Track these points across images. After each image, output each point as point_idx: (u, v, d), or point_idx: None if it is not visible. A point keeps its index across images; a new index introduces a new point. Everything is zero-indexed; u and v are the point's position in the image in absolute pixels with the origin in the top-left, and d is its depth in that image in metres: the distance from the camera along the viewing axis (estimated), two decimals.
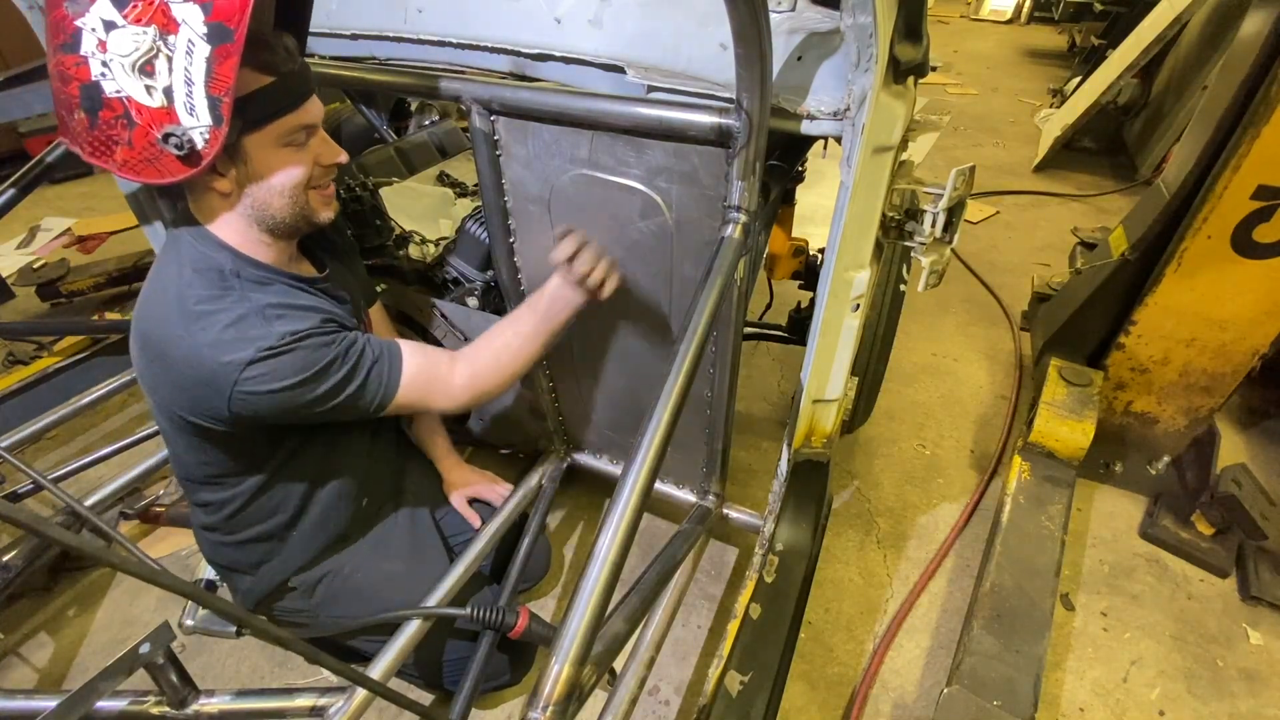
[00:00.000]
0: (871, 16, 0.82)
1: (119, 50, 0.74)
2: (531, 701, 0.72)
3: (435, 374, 1.09)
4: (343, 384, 0.98)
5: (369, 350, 1.02)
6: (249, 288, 0.95)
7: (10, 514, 0.52)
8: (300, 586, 1.22)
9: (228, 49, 0.75)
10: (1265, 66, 1.37)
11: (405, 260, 1.57)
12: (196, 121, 0.78)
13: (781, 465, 1.39)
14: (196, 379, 0.92)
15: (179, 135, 0.77)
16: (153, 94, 0.76)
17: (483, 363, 1.13)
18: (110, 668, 0.80)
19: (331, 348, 0.96)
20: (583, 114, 1.05)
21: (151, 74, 0.76)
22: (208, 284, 0.93)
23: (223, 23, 0.74)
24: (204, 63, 0.75)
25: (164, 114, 0.77)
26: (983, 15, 8.76)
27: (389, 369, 1.03)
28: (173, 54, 0.75)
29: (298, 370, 0.93)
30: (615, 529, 0.76)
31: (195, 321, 0.90)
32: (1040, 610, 1.38)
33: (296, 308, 0.98)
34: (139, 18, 0.74)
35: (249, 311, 0.92)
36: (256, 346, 0.90)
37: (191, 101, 0.77)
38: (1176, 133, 3.66)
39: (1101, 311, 1.85)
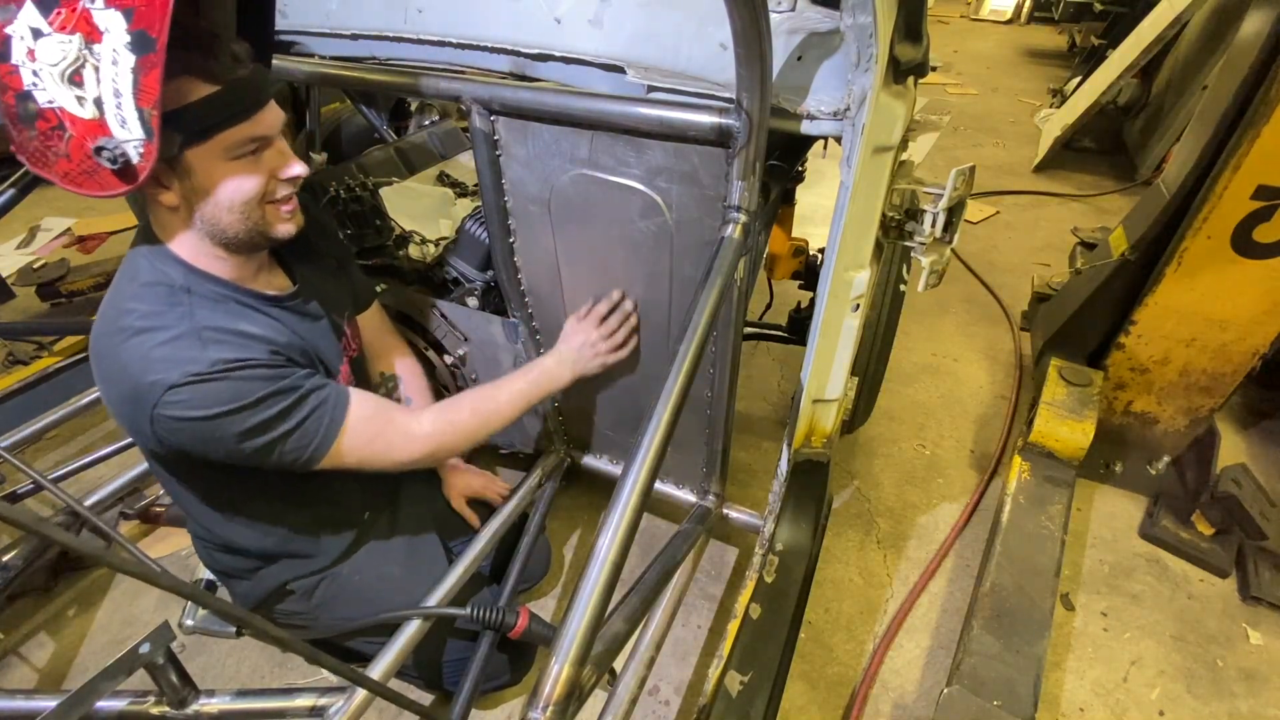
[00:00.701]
0: (871, 16, 0.82)
1: (47, 59, 0.71)
2: (531, 701, 0.72)
3: (387, 424, 1.03)
4: (272, 423, 0.90)
5: (313, 395, 0.95)
6: (198, 304, 0.90)
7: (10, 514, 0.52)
8: (298, 590, 1.21)
9: (151, 59, 0.70)
10: (1265, 66, 1.37)
11: (405, 260, 1.57)
12: (129, 134, 0.73)
13: (781, 465, 1.39)
14: (122, 397, 0.88)
15: (111, 149, 0.73)
16: (84, 105, 0.73)
17: (462, 412, 1.11)
18: (110, 668, 0.80)
19: (268, 383, 0.90)
20: (583, 114, 1.04)
21: (80, 84, 0.72)
22: (153, 299, 0.89)
23: (145, 30, 0.70)
24: (129, 73, 0.71)
25: (96, 126, 0.73)
26: (983, 15, 8.75)
27: (330, 417, 0.96)
28: (99, 63, 0.71)
29: (224, 400, 0.86)
30: (615, 529, 0.76)
31: (131, 337, 0.86)
32: (1040, 610, 1.38)
33: (241, 335, 0.92)
34: (64, 25, 0.71)
35: (186, 332, 0.87)
36: (184, 370, 0.84)
37: (122, 114, 0.73)
38: (1176, 133, 3.66)
39: (1101, 311, 1.85)
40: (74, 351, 2.42)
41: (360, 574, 1.25)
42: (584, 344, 1.25)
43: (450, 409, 1.12)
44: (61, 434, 2.21)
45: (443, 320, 1.58)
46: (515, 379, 1.20)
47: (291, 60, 1.31)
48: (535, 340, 1.49)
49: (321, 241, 1.17)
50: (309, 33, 1.34)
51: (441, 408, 1.12)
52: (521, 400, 1.18)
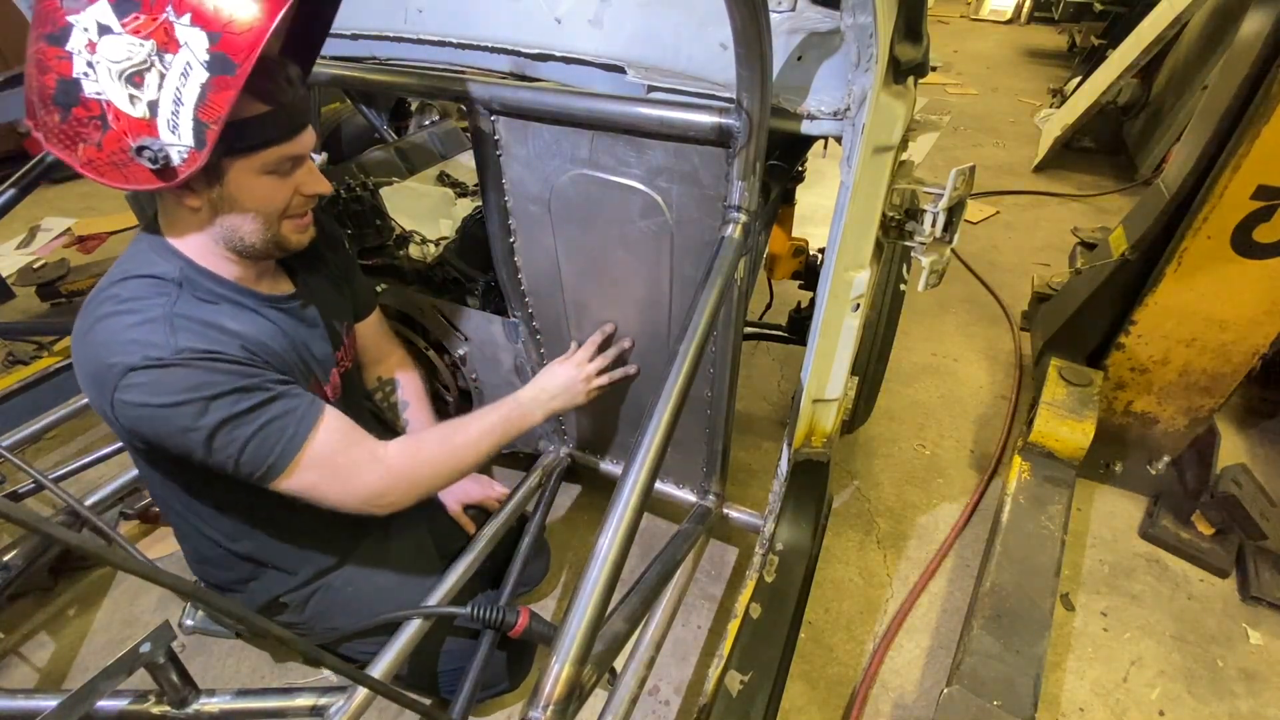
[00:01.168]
0: (871, 16, 0.82)
1: (109, 55, 0.72)
2: (532, 701, 0.72)
3: (357, 445, 0.99)
4: (231, 423, 0.86)
5: (279, 401, 0.91)
6: (185, 297, 0.89)
7: (11, 513, 0.52)
8: (292, 603, 1.20)
9: (227, 81, 0.72)
10: (1265, 66, 1.37)
11: (405, 260, 1.58)
12: (177, 140, 0.75)
13: (781, 465, 1.39)
14: (88, 378, 0.86)
15: (154, 149, 0.74)
16: (136, 104, 0.74)
17: (428, 447, 1.07)
18: (110, 667, 0.80)
19: (231, 378, 0.86)
20: (583, 114, 1.05)
21: (140, 85, 0.73)
22: (138, 286, 0.87)
23: (228, 55, 0.72)
24: (198, 87, 0.73)
25: (144, 125, 0.74)
26: (983, 15, 8.76)
27: (294, 428, 0.91)
28: (166, 71, 0.72)
29: (182, 389, 0.83)
30: (615, 529, 0.76)
31: (103, 320, 0.85)
32: (1040, 610, 1.38)
33: (218, 328, 0.89)
34: (138, 30, 0.72)
35: (158, 318, 0.85)
36: (145, 355, 0.82)
37: (176, 120, 0.74)
38: (1176, 133, 3.66)
39: (1101, 311, 1.85)
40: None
41: (353, 585, 1.24)
42: (564, 386, 1.25)
43: (416, 440, 1.08)
44: (61, 434, 2.21)
45: (443, 320, 1.58)
46: (487, 414, 1.16)
47: None
48: (535, 340, 1.49)
49: (328, 251, 1.17)
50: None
51: (408, 439, 1.07)
52: (493, 437, 1.14)
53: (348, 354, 1.21)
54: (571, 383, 1.27)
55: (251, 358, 0.91)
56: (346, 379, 1.20)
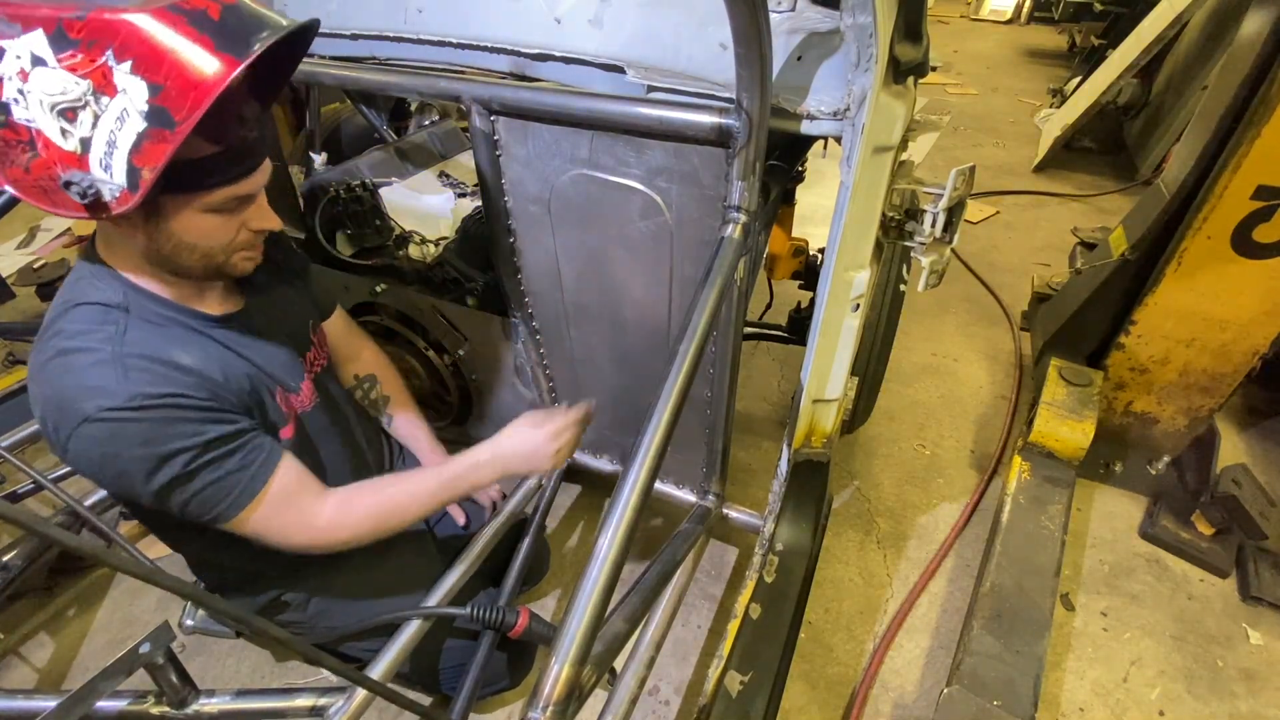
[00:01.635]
0: (871, 16, 0.82)
1: (42, 87, 0.67)
2: (531, 701, 0.72)
3: (298, 503, 0.97)
4: (181, 480, 0.84)
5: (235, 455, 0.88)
6: (133, 324, 0.85)
7: (10, 514, 0.52)
8: (293, 602, 1.20)
9: (165, 135, 0.68)
10: (1265, 66, 1.37)
11: (405, 260, 1.57)
12: (108, 178, 0.70)
13: (781, 465, 1.39)
14: (41, 415, 0.83)
15: (83, 185, 0.69)
16: (67, 138, 0.69)
17: (360, 507, 1.03)
18: (110, 668, 0.80)
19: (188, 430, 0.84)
20: (583, 114, 1.05)
21: (72, 120, 0.69)
22: (85, 317, 0.84)
23: (168, 110, 0.68)
24: (134, 135, 0.68)
25: (74, 158, 0.70)
26: (983, 15, 8.75)
27: (250, 483, 0.90)
28: (101, 113, 0.68)
29: (137, 443, 0.81)
30: (615, 529, 0.76)
31: (55, 358, 0.82)
32: (1040, 610, 1.38)
33: (171, 365, 0.86)
34: (74, 68, 0.67)
35: (109, 358, 0.81)
36: (99, 405, 0.79)
37: (109, 161, 0.69)
38: (1176, 133, 3.66)
39: (1101, 311, 1.85)
40: None
41: (354, 584, 1.24)
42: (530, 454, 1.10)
43: (350, 503, 1.03)
44: None
45: (443, 320, 1.58)
46: (434, 475, 1.08)
47: None
48: (535, 340, 1.49)
49: (278, 252, 1.12)
50: None
51: (344, 499, 1.02)
52: (432, 501, 1.08)
53: (319, 354, 1.18)
54: (538, 453, 1.10)
55: (211, 398, 0.88)
56: (322, 380, 1.16)
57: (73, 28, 0.67)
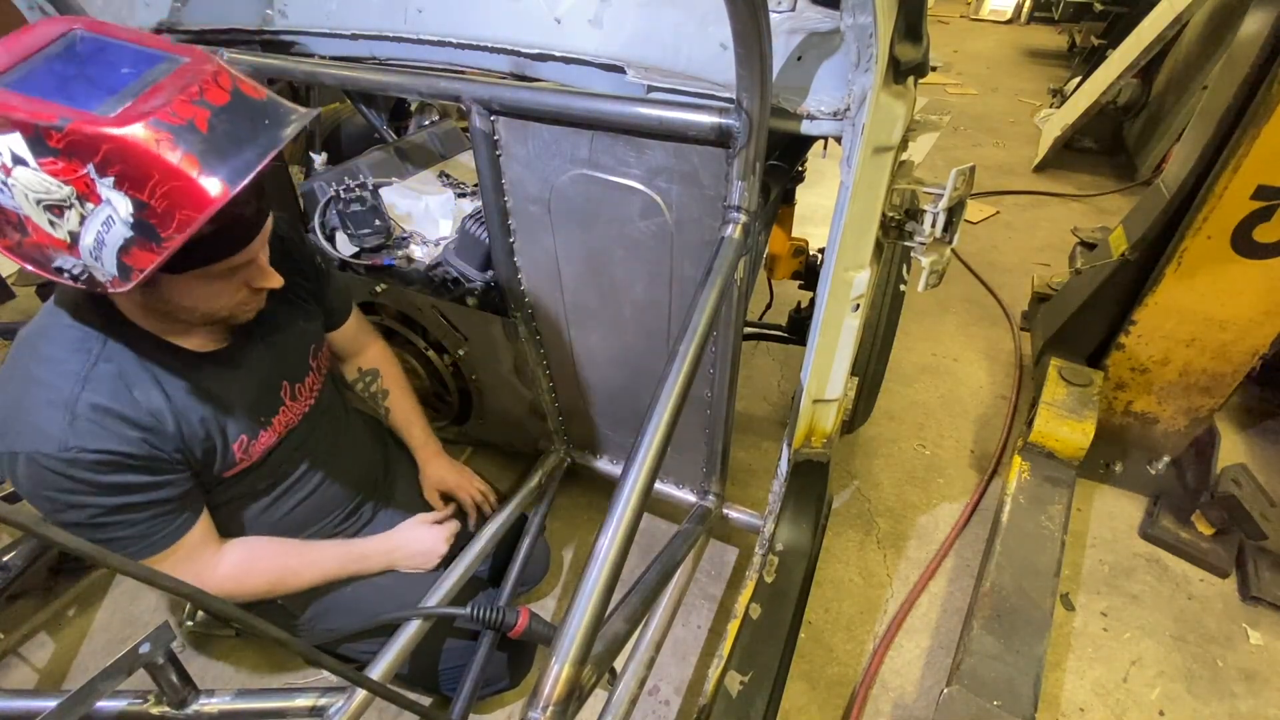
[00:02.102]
0: (871, 16, 0.82)
1: (25, 184, 0.65)
2: (531, 701, 0.72)
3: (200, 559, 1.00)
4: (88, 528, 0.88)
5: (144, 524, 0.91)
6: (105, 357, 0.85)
7: (10, 514, 0.52)
8: (290, 605, 1.21)
9: (152, 247, 0.67)
10: (1265, 66, 1.37)
11: (405, 260, 1.57)
12: (100, 266, 0.69)
13: (781, 465, 1.39)
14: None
15: (74, 271, 0.69)
16: (56, 229, 0.67)
17: (259, 571, 1.08)
18: (110, 668, 0.80)
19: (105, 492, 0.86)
20: (583, 114, 1.04)
21: (60, 216, 0.67)
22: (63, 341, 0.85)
23: (155, 227, 0.66)
24: (121, 239, 0.67)
25: (64, 246, 0.68)
26: (983, 15, 8.75)
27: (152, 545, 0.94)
28: (87, 215, 0.66)
29: (53, 488, 0.83)
30: (615, 529, 0.76)
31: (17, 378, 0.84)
32: (1040, 610, 1.38)
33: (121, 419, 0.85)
34: (56, 173, 0.65)
35: (64, 400, 0.82)
36: (36, 448, 0.81)
37: (99, 254, 0.68)
38: (1176, 133, 3.66)
39: (1101, 311, 1.85)
40: None
41: (352, 586, 1.24)
42: (422, 552, 1.24)
43: (251, 565, 1.07)
44: None
45: (443, 320, 1.58)
46: (330, 553, 1.17)
47: (291, 60, 1.31)
48: (535, 340, 1.49)
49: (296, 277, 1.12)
50: (309, 32, 1.34)
51: (245, 559, 1.06)
52: (327, 576, 1.16)
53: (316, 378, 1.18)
54: (430, 552, 1.25)
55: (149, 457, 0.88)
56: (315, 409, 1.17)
57: (51, 136, 0.64)
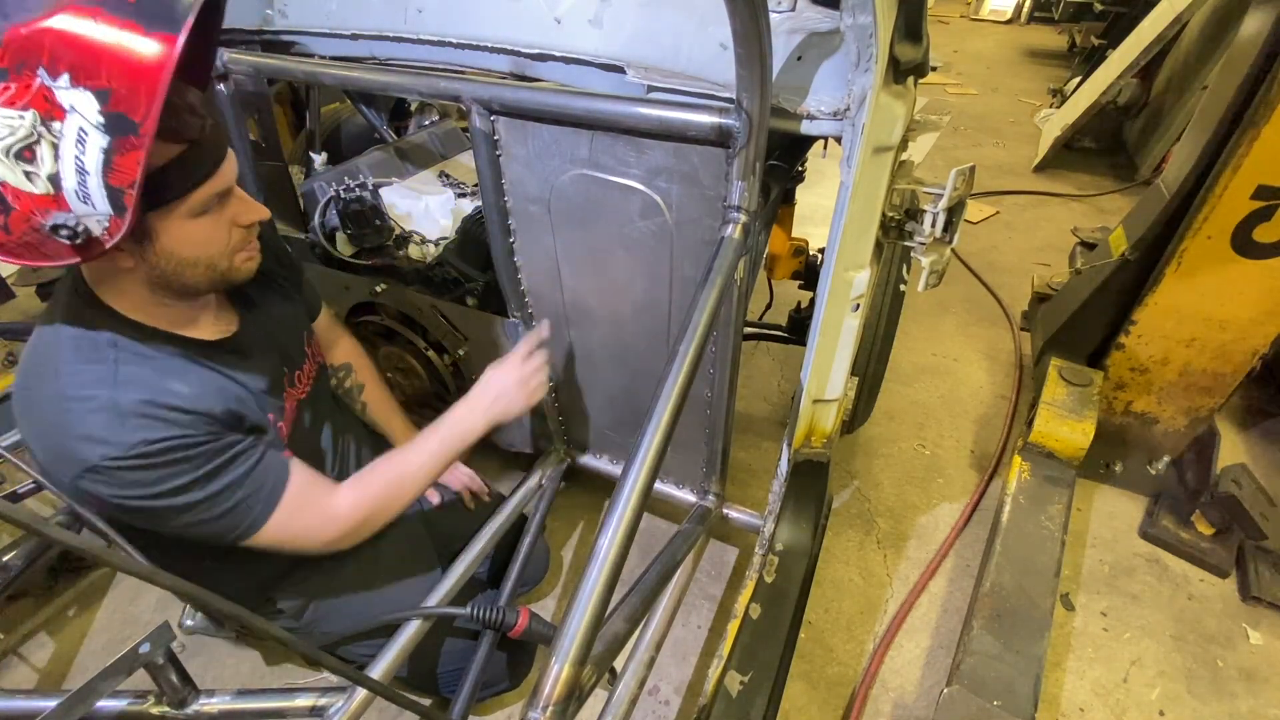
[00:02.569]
0: (871, 16, 0.82)
1: None
2: (531, 701, 0.72)
3: (315, 502, 0.99)
4: (194, 508, 0.86)
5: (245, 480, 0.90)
6: (124, 360, 0.84)
7: (10, 514, 0.52)
8: (288, 610, 1.20)
9: (132, 142, 0.64)
10: (1265, 66, 1.37)
11: (405, 260, 1.57)
12: (92, 209, 0.67)
13: (781, 465, 1.39)
14: (44, 455, 0.84)
15: (70, 225, 0.67)
16: (34, 180, 0.65)
17: (374, 488, 1.05)
18: (110, 668, 0.80)
19: (193, 467, 0.85)
20: (583, 114, 1.04)
21: (32, 160, 0.65)
22: (75, 354, 0.83)
23: (124, 114, 0.64)
24: (100, 153, 0.65)
25: (49, 201, 0.66)
26: (983, 15, 8.75)
27: (265, 499, 0.92)
28: (59, 140, 0.64)
29: (142, 485, 0.82)
30: (615, 529, 0.76)
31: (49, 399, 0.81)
32: (1040, 610, 1.38)
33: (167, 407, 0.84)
34: (12, 100, 0.64)
35: (105, 405, 0.80)
36: (101, 453, 0.79)
37: (85, 190, 0.66)
38: (1176, 133, 3.66)
39: (1101, 311, 1.85)
40: None
41: (350, 589, 1.24)
42: (499, 391, 1.16)
43: (363, 485, 1.05)
44: None
45: (443, 320, 1.58)
46: (426, 440, 1.12)
47: (291, 60, 1.32)
48: None
49: (276, 266, 1.13)
50: (309, 33, 1.34)
51: (355, 484, 1.05)
52: (436, 461, 1.11)
53: (312, 365, 1.18)
54: (506, 388, 1.17)
55: (207, 432, 0.87)
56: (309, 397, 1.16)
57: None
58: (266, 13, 1.37)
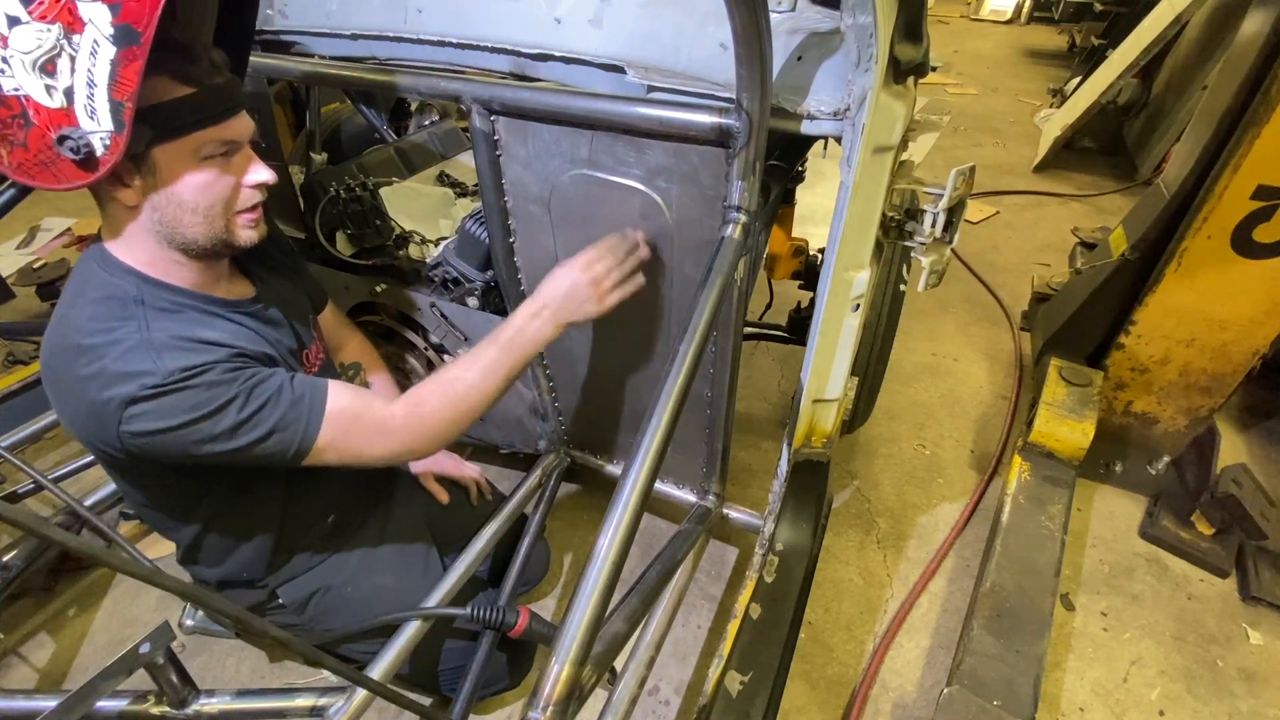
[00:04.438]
0: (871, 16, 0.82)
1: (20, 47, 0.71)
2: (531, 701, 0.72)
3: (365, 413, 0.97)
4: (243, 427, 0.87)
5: (285, 392, 0.91)
6: (152, 316, 0.87)
7: (10, 514, 0.52)
8: (290, 605, 1.20)
9: (133, 52, 0.71)
10: (1265, 66, 1.37)
11: (405, 260, 1.57)
12: (96, 126, 0.73)
13: (781, 465, 1.39)
14: (84, 414, 0.85)
15: (75, 139, 0.73)
16: (52, 94, 0.73)
17: (429, 402, 1.01)
18: (110, 668, 0.80)
19: (232, 385, 0.86)
20: (583, 114, 1.04)
21: (53, 73, 0.72)
22: (105, 314, 0.86)
23: (130, 24, 0.70)
24: (108, 65, 0.71)
25: (62, 115, 0.74)
26: (983, 15, 8.75)
27: (308, 412, 0.92)
28: (76, 54, 0.72)
29: (186, 409, 0.84)
30: (615, 529, 0.76)
31: (83, 354, 0.84)
32: (1040, 610, 1.38)
33: (199, 341, 0.88)
34: (44, 14, 0.71)
35: (139, 344, 0.84)
36: (141, 384, 0.81)
37: (93, 105, 0.73)
38: (1176, 133, 3.66)
39: (1101, 311, 1.85)
40: None
41: (351, 586, 1.24)
42: (567, 292, 1.05)
43: (417, 398, 1.02)
44: (61, 434, 2.20)
45: (443, 320, 1.58)
46: (487, 347, 1.04)
47: (291, 60, 1.32)
48: None
49: (275, 251, 1.15)
50: (309, 32, 1.34)
51: (409, 398, 1.02)
52: (499, 371, 1.03)
53: (319, 349, 1.19)
54: (575, 287, 1.04)
55: (238, 360, 0.89)
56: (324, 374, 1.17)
57: None
58: (267, 12, 1.37)
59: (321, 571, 1.22)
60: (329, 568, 1.23)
